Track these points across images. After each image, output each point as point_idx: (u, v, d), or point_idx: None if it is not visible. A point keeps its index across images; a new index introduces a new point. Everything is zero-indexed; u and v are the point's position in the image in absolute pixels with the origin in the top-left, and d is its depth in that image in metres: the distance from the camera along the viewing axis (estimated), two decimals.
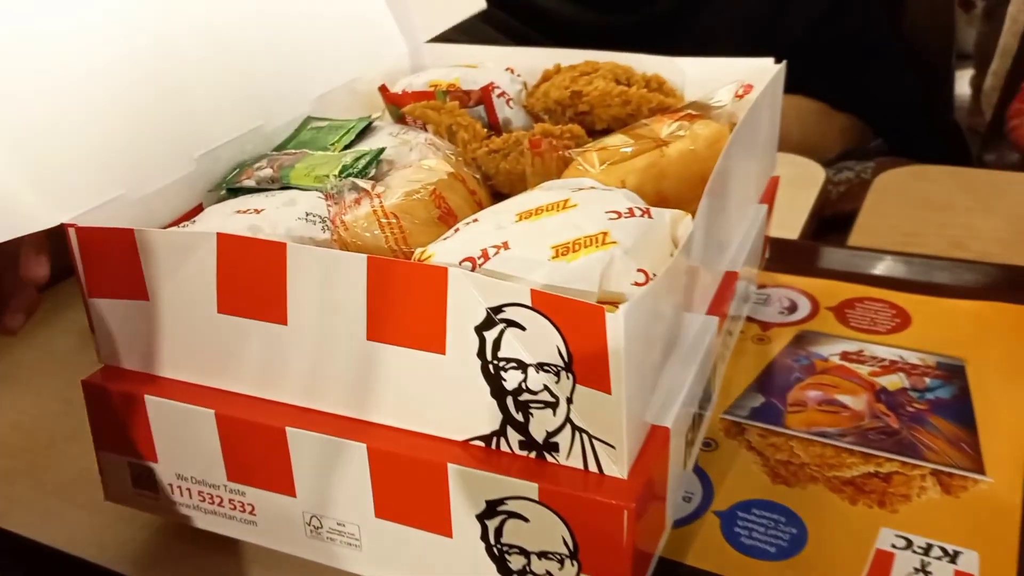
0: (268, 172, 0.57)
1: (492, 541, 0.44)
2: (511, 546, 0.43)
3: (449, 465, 0.43)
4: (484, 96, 0.65)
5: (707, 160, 0.57)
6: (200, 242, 0.46)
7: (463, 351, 0.42)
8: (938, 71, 1.13)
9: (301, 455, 0.46)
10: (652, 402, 0.45)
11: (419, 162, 0.54)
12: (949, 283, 0.75)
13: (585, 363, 0.40)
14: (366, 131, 0.64)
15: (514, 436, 0.43)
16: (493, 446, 0.44)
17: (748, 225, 0.66)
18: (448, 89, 0.67)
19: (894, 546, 0.50)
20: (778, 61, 0.70)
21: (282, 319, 0.46)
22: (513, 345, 0.41)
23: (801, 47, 0.97)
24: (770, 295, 0.74)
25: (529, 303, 0.40)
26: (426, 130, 0.64)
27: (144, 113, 0.54)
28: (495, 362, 0.42)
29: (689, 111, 0.60)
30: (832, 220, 0.97)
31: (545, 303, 0.40)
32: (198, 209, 0.58)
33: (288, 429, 0.46)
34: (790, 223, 0.87)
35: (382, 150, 0.58)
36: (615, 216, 0.46)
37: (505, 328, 0.41)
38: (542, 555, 0.43)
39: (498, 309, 0.41)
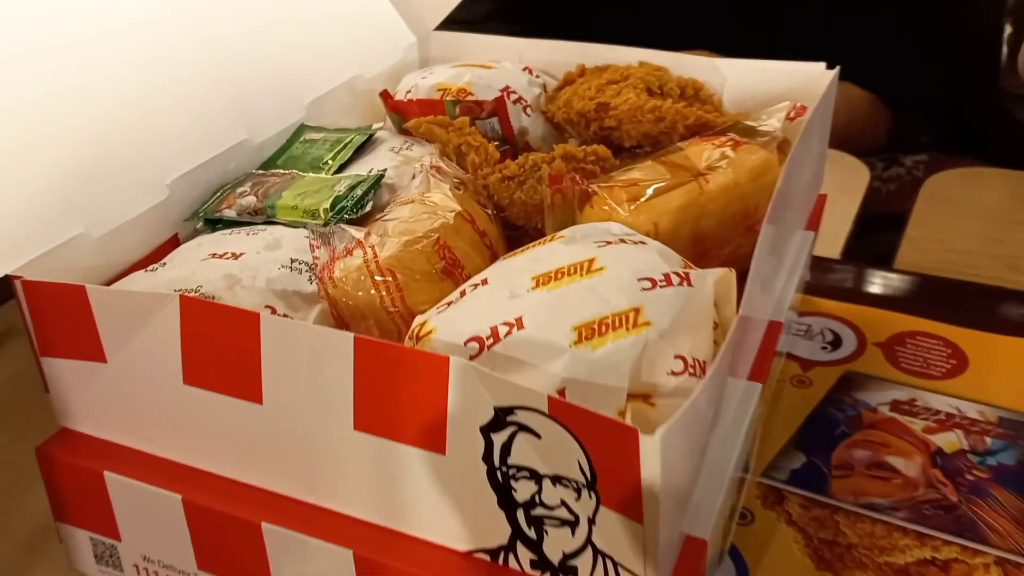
0: (251, 201, 0.50)
1: None
2: None
3: None
4: (498, 107, 0.57)
5: (751, 196, 0.50)
6: (160, 304, 0.40)
7: (466, 452, 0.36)
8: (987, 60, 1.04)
9: (279, 554, 0.40)
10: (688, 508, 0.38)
11: (421, 196, 0.47)
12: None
13: (612, 485, 0.33)
14: (365, 145, 0.57)
15: (525, 553, 0.37)
16: (500, 562, 0.37)
17: (794, 257, 0.58)
18: (458, 97, 0.59)
19: None
20: (830, 63, 0.62)
21: (256, 397, 0.39)
22: (526, 452, 0.35)
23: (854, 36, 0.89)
24: (811, 326, 0.67)
25: (546, 410, 0.33)
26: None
27: (104, 134, 0.47)
28: (504, 469, 0.35)
29: (732, 135, 0.53)
30: (880, 219, 0.89)
31: (565, 413, 0.33)
32: (173, 241, 0.51)
33: (264, 525, 0.40)
34: (832, 233, 0.79)
35: (380, 177, 0.51)
36: (649, 286, 0.39)
37: (516, 432, 0.35)
38: None
39: (509, 410, 0.34)
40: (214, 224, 0.50)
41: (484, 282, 0.41)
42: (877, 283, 0.72)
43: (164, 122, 0.50)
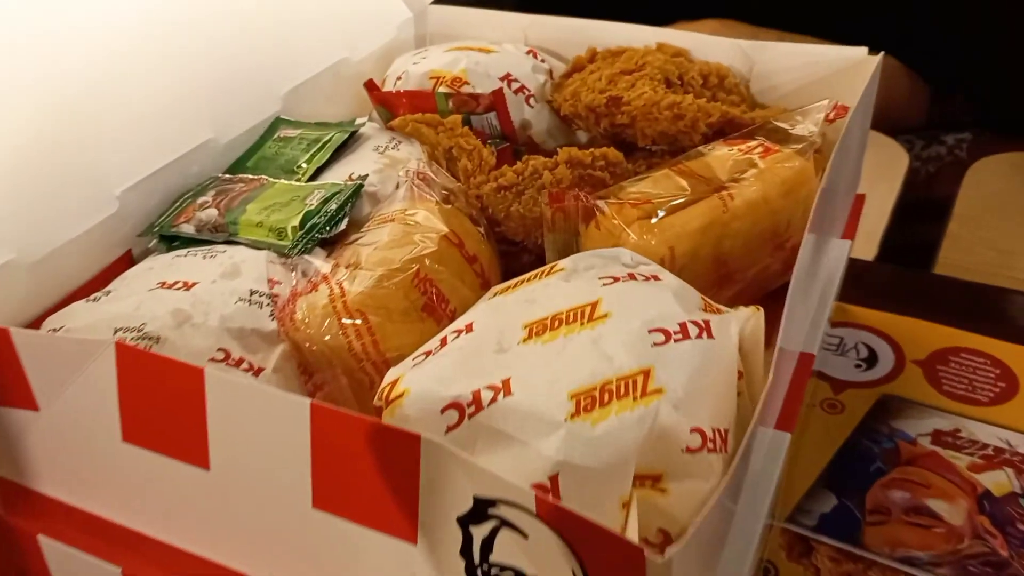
0: (212, 214, 0.44)
1: None
2: None
3: None
4: (496, 101, 0.51)
5: (782, 212, 0.44)
6: (94, 351, 0.34)
7: (441, 544, 0.30)
8: None
9: None
10: None
11: (403, 213, 0.41)
12: None
13: None
14: (347, 144, 0.50)
15: None
16: None
17: (828, 273, 0.52)
18: (452, 88, 0.53)
19: None
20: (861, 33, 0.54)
21: (203, 462, 0.34)
22: (511, 550, 0.29)
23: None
24: (844, 339, 0.61)
25: (532, 510, 0.27)
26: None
27: (39, 139, 0.41)
28: (485, 567, 0.30)
29: (761, 139, 0.46)
30: (919, 208, 0.81)
31: (555, 516, 0.27)
32: (126, 259, 0.45)
33: None
34: (867, 227, 0.72)
35: (358, 188, 0.45)
36: (661, 340, 0.33)
37: (499, 527, 0.29)
38: None
39: (491, 502, 0.29)
40: (170, 241, 0.44)
41: (468, 328, 0.35)
42: (916, 290, 0.65)
43: (113, 123, 0.44)
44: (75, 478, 0.38)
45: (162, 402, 0.34)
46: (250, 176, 0.47)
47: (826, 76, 0.55)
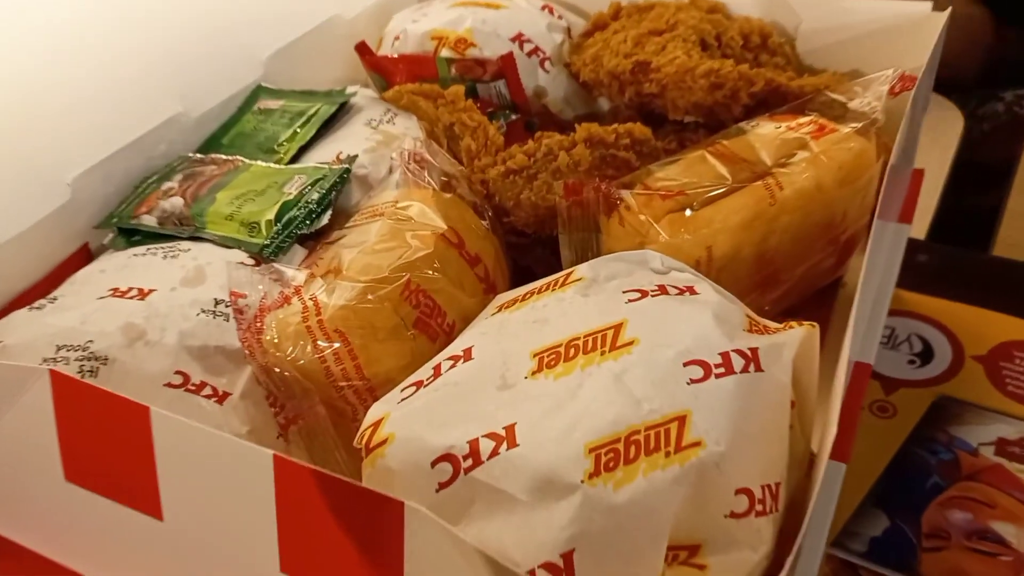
0: (177, 203, 0.38)
1: None
2: None
3: None
4: (505, 67, 0.44)
5: (837, 202, 0.38)
6: (27, 379, 0.29)
7: None
8: None
9: None
10: None
11: (394, 207, 0.35)
12: None
13: None
14: (336, 116, 0.44)
15: None
16: None
17: (886, 264, 0.46)
18: (455, 52, 0.46)
19: None
20: None
21: (155, 512, 0.29)
22: None
23: None
24: (896, 330, 0.55)
25: None
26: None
27: None
28: None
29: (814, 115, 0.39)
30: (975, 173, 0.74)
31: None
32: (82, 254, 0.40)
33: None
34: (920, 199, 0.65)
35: (345, 173, 0.39)
36: (700, 376, 0.27)
37: None
38: None
39: None
40: (129, 235, 0.38)
41: (467, 355, 0.29)
42: (974, 274, 0.59)
43: (63, 98, 0.39)
44: (22, 517, 0.33)
45: (106, 440, 0.29)
46: (224, 156, 0.41)
47: (884, 36, 0.48)
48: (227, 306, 0.33)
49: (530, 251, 0.41)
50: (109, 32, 0.40)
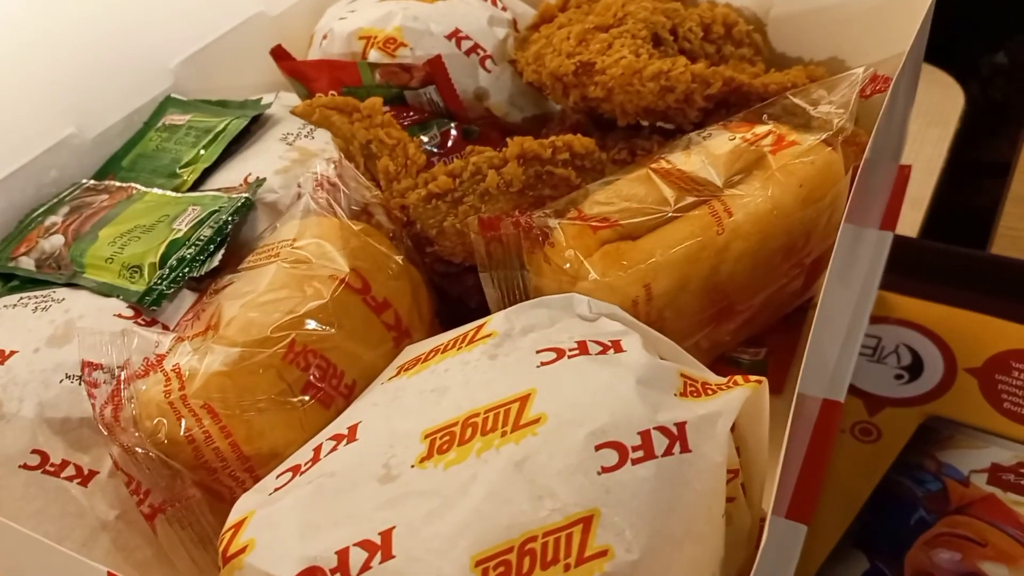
0: (58, 242, 0.34)
1: None
2: None
3: None
4: (434, 72, 0.40)
5: (799, 224, 0.33)
6: None
7: None
8: None
9: None
10: None
11: (290, 245, 0.31)
12: None
13: None
14: (249, 129, 0.40)
15: None
16: None
17: (864, 277, 0.41)
18: (384, 52, 0.42)
19: None
20: None
21: None
22: None
23: None
24: (882, 340, 0.50)
25: None
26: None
27: None
28: None
29: (774, 124, 0.35)
30: (975, 160, 0.69)
31: None
32: None
33: None
34: (910, 189, 0.61)
35: (245, 203, 0.35)
36: (615, 462, 0.23)
37: None
38: None
39: None
40: (7, 279, 0.34)
41: (351, 434, 0.25)
42: (970, 274, 0.54)
43: None
44: None
45: None
46: (118, 184, 0.37)
47: (864, 18, 0.43)
48: (85, 378, 0.29)
49: (459, 280, 0.37)
50: None
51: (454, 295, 0.37)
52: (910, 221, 0.59)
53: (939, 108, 0.68)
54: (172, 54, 0.43)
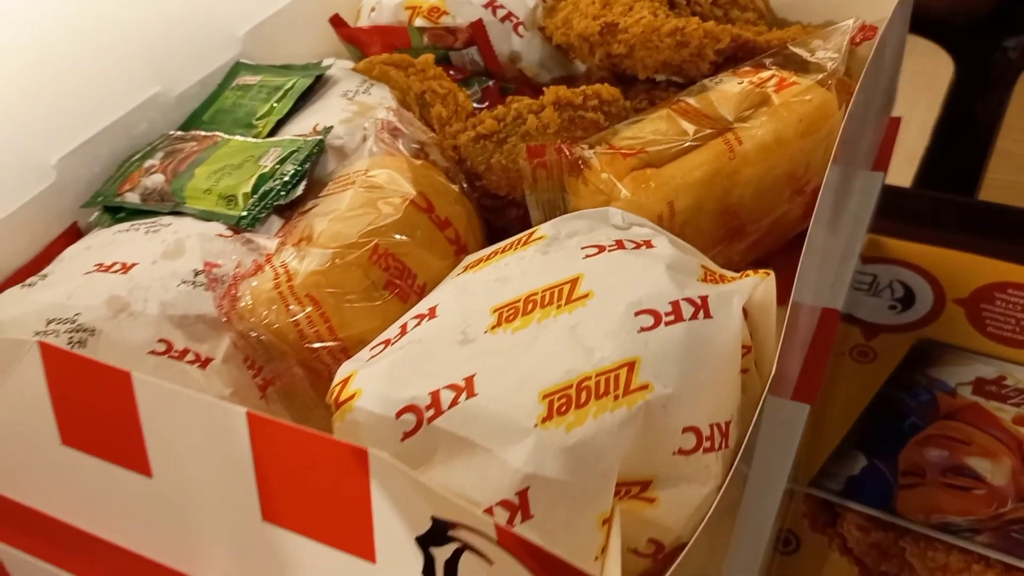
0: (159, 180, 0.39)
1: None
2: None
3: None
4: (476, 34, 0.45)
5: (799, 153, 0.38)
6: (19, 352, 0.31)
7: (402, 565, 0.27)
8: None
9: None
10: None
11: (365, 175, 0.36)
12: None
13: None
14: (313, 89, 0.45)
15: None
16: None
17: (856, 212, 0.47)
18: (428, 20, 0.47)
19: None
20: None
21: (144, 469, 0.31)
22: (477, 574, 0.25)
23: None
24: (877, 277, 0.55)
25: (494, 538, 0.24)
26: None
27: None
28: None
29: (775, 70, 0.40)
30: (964, 119, 0.73)
31: (519, 547, 0.23)
32: (72, 231, 0.41)
33: None
34: (906, 147, 0.66)
35: (319, 144, 0.40)
36: (650, 323, 0.28)
37: (462, 550, 0.25)
38: None
39: (450, 524, 0.25)
40: (115, 212, 0.40)
41: (432, 313, 0.30)
42: (958, 218, 0.59)
43: (46, 81, 0.40)
44: (23, 480, 0.35)
45: (95, 406, 0.30)
46: (203, 133, 0.43)
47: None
48: (206, 276, 0.35)
49: (504, 213, 0.42)
50: (87, 14, 0.41)
51: (499, 226, 0.42)
52: (904, 175, 0.64)
53: (931, 75, 0.73)
54: (241, 23, 0.48)
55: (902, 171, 0.64)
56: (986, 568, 0.40)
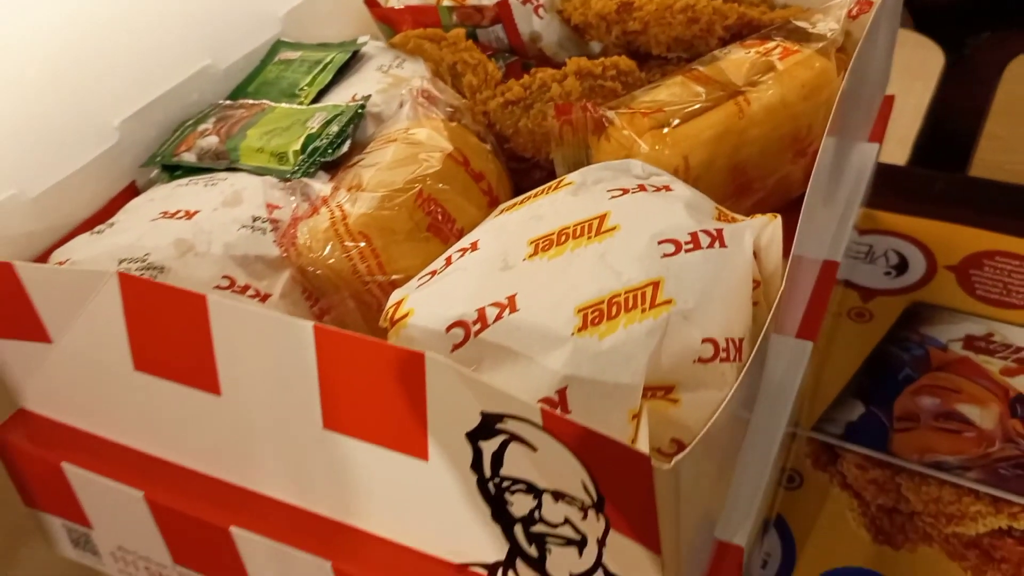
0: (213, 141, 0.43)
1: None
2: None
3: None
4: (501, 12, 0.49)
5: (802, 116, 0.42)
6: (98, 282, 0.34)
7: (452, 460, 0.30)
8: None
9: (253, 559, 0.36)
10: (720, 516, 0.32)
11: (405, 133, 0.40)
12: None
13: (623, 511, 0.27)
14: (349, 64, 0.49)
15: (526, 572, 0.31)
16: None
17: (854, 179, 0.50)
18: (456, 2, 0.51)
19: None
20: None
21: (213, 388, 0.34)
22: (520, 463, 0.29)
23: None
24: (873, 246, 0.59)
25: (539, 423, 0.27)
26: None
27: (36, 73, 0.41)
28: (496, 480, 0.30)
29: (780, 40, 0.44)
30: (955, 104, 0.77)
31: (562, 428, 0.27)
32: (131, 189, 0.45)
33: (233, 530, 0.35)
34: (899, 130, 0.70)
35: (361, 108, 0.43)
36: (671, 250, 0.32)
37: (508, 441, 0.28)
38: None
39: (498, 417, 0.28)
40: (172, 171, 0.43)
41: (474, 246, 0.34)
42: (950, 193, 0.63)
43: (109, 53, 0.43)
44: (93, 407, 0.39)
45: (169, 330, 0.34)
46: (251, 101, 0.46)
47: None
48: (263, 222, 0.38)
49: (529, 174, 0.45)
50: None
51: (524, 187, 0.46)
52: (899, 156, 0.68)
53: (922, 66, 0.77)
54: (281, 5, 0.52)
55: (897, 152, 0.68)
56: (976, 500, 0.44)
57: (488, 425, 0.28)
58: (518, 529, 0.30)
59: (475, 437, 0.29)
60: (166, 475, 0.37)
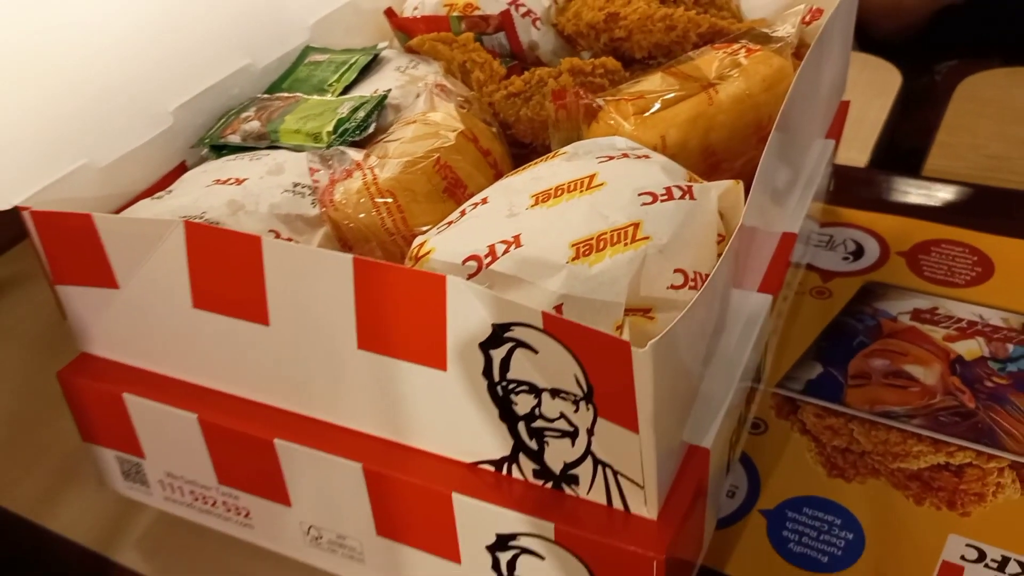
0: (255, 126, 0.49)
1: (505, 573, 0.39)
2: None
3: (455, 495, 0.38)
4: (504, 21, 0.56)
5: (764, 105, 0.49)
6: (166, 230, 0.40)
7: (467, 369, 0.36)
8: None
9: (293, 468, 0.42)
10: (689, 418, 0.38)
11: (423, 116, 0.47)
12: None
13: (608, 397, 0.33)
14: (371, 66, 0.56)
15: (528, 464, 0.37)
16: (504, 471, 0.38)
17: (812, 167, 0.57)
18: (464, 13, 0.58)
19: (964, 558, 0.44)
20: None
21: (263, 319, 0.40)
22: (524, 367, 0.35)
23: None
24: (833, 236, 0.66)
25: (541, 326, 0.33)
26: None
27: (106, 64, 0.47)
28: (504, 384, 0.36)
29: (745, 43, 0.51)
30: (911, 118, 0.85)
31: (559, 328, 0.33)
32: (180, 168, 0.51)
33: (277, 442, 0.41)
34: (861, 139, 0.77)
35: (383, 98, 0.50)
36: (649, 200, 0.38)
37: (514, 347, 0.35)
38: None
39: (506, 327, 0.34)
40: (219, 150, 0.50)
41: (484, 201, 0.40)
42: (902, 191, 0.70)
43: (165, 49, 0.50)
44: (152, 346, 0.44)
45: (226, 270, 0.40)
46: (286, 94, 0.53)
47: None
48: (303, 187, 0.44)
49: (528, 160, 0.52)
50: (197, 3, 0.52)
51: None
52: (860, 161, 0.75)
53: (881, 84, 0.84)
54: (310, 15, 0.59)
55: (857, 158, 0.75)
56: (918, 442, 0.50)
57: (498, 335, 0.35)
58: (521, 426, 0.36)
59: (486, 346, 0.35)
60: (218, 401, 0.43)
